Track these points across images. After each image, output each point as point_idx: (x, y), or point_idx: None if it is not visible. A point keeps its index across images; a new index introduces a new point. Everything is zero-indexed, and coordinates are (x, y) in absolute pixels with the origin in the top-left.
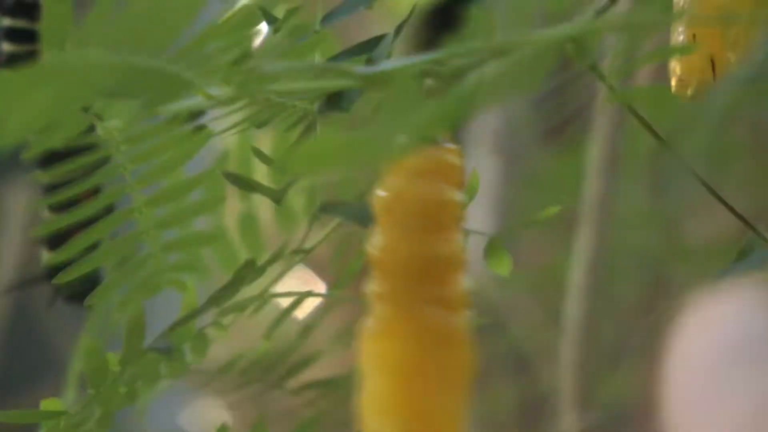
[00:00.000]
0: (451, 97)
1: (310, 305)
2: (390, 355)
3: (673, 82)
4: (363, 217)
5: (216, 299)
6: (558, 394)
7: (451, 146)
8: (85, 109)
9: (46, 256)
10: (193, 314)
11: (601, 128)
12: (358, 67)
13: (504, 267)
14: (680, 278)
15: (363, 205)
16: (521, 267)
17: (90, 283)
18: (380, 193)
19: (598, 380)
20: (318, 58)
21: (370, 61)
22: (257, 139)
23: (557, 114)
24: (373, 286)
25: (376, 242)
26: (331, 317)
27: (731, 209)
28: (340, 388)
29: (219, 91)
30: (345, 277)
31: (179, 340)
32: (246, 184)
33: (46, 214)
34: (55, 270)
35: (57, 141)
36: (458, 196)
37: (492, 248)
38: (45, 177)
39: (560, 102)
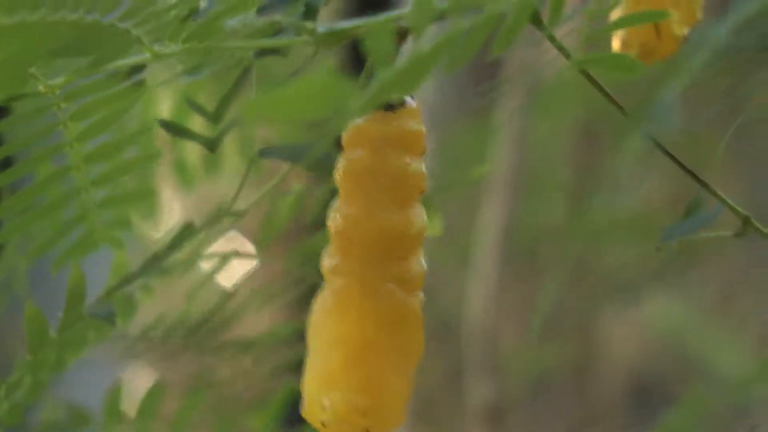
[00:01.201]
0: (409, 61)
1: (238, 271)
2: (345, 330)
3: (616, 45)
4: (300, 157)
5: (155, 261)
6: (469, 364)
7: (413, 106)
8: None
9: None
10: (132, 277)
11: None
12: (318, 26)
13: (435, 228)
14: (606, 252)
15: (304, 147)
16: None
17: None
18: (345, 162)
19: (512, 351)
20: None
21: (307, 13)
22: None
23: (486, 92)
24: (331, 260)
25: (339, 214)
26: (253, 278)
27: (682, 165)
28: (259, 347)
29: (166, 47)
30: (269, 235)
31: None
32: (181, 132)
33: None
34: None
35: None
36: (422, 166)
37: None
38: None
39: (488, 80)
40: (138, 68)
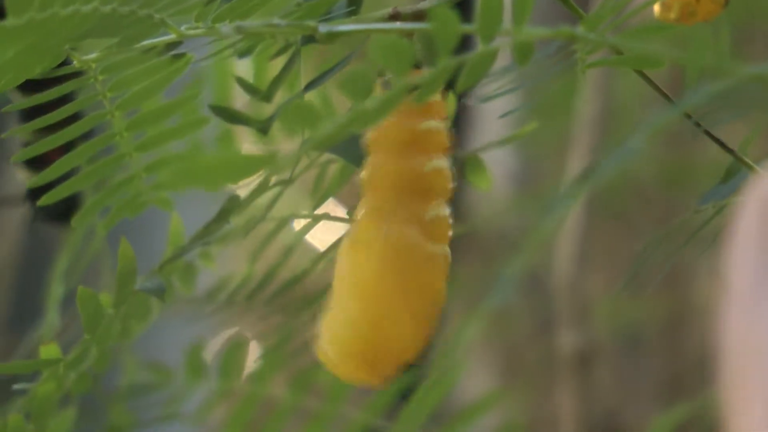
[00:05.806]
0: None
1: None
2: (362, 273)
3: (657, 7)
4: (349, 150)
5: (203, 234)
6: (557, 313)
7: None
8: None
9: (28, 177)
10: (181, 252)
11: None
12: (321, 26)
13: (484, 182)
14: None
15: (351, 140)
16: (533, 191)
17: (69, 203)
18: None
19: (600, 302)
20: None
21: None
22: (235, 67)
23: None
24: (360, 207)
25: (366, 168)
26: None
27: (716, 139)
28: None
29: (192, 29)
30: (322, 198)
31: (168, 274)
32: (231, 116)
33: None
34: (35, 191)
35: (35, 73)
36: (441, 124)
37: (472, 164)
38: (24, 104)
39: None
40: (174, 45)
